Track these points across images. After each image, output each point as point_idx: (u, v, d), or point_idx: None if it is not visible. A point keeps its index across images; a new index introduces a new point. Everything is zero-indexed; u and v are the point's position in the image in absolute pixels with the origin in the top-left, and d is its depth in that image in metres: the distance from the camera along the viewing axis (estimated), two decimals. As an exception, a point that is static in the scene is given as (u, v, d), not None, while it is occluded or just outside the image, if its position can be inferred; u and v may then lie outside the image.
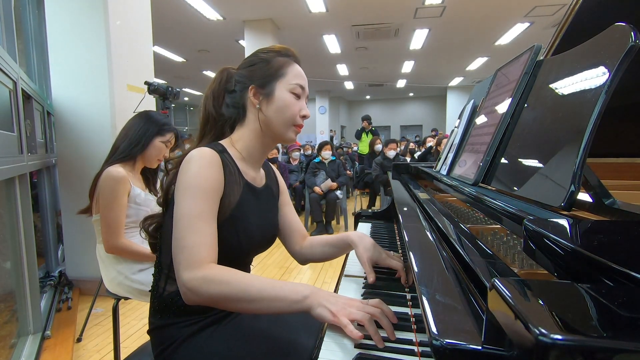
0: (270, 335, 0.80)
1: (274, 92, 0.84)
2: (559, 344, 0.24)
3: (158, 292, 0.81)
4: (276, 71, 0.85)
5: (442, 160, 1.33)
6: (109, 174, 1.40)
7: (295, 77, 0.86)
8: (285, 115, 0.84)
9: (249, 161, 0.88)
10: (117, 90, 2.44)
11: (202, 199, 0.72)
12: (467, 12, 5.84)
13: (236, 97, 0.86)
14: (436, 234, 0.76)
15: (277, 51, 0.88)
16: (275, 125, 0.85)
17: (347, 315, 0.61)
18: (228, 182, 0.79)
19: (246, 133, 0.86)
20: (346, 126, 17.23)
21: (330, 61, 9.04)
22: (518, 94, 0.82)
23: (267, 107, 0.84)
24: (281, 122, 0.84)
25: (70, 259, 2.57)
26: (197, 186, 0.72)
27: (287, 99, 0.84)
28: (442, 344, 0.38)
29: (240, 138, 0.87)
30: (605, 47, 0.58)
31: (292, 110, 0.84)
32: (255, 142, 0.87)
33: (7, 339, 1.65)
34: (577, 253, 0.36)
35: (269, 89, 0.84)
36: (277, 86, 0.84)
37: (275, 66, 0.85)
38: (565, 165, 0.53)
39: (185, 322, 0.78)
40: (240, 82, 0.86)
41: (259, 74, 0.85)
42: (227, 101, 0.87)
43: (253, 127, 0.86)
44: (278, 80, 0.84)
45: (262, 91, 0.84)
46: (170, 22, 6.05)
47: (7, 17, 1.90)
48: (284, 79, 0.84)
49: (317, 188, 4.44)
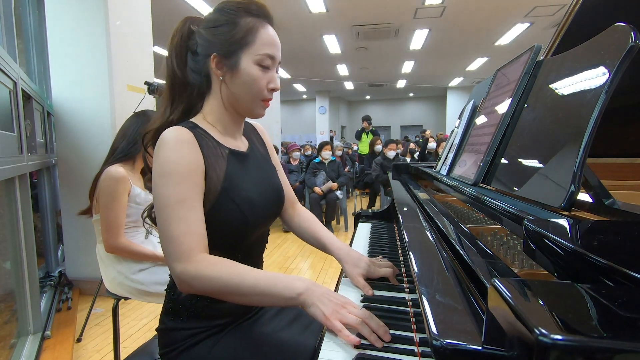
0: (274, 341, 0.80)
1: (239, 64, 0.74)
2: (559, 344, 0.24)
3: (175, 293, 0.79)
4: (242, 38, 0.74)
5: (442, 160, 1.33)
6: (109, 174, 1.40)
7: (264, 46, 0.75)
8: (251, 90, 0.76)
9: (226, 132, 0.81)
10: (117, 90, 2.44)
11: (180, 184, 0.67)
12: (467, 12, 5.84)
13: (199, 63, 0.77)
14: (436, 234, 0.76)
15: (247, 9, 0.75)
16: (241, 101, 0.78)
17: (339, 318, 0.60)
18: (207, 156, 0.73)
19: (214, 105, 0.79)
20: (346, 126, 17.23)
21: (330, 61, 9.04)
22: (518, 94, 0.82)
23: (231, 80, 0.76)
24: (247, 98, 0.77)
25: (70, 259, 2.57)
26: (173, 171, 0.67)
27: (253, 73, 0.75)
28: (442, 344, 0.38)
29: (211, 111, 0.80)
30: (605, 47, 0.58)
31: (259, 84, 0.76)
32: (226, 115, 0.80)
33: (7, 339, 1.65)
34: (577, 253, 0.36)
35: (234, 59, 0.74)
36: (242, 56, 0.74)
37: (242, 31, 0.74)
38: (565, 165, 0.54)
39: (195, 329, 0.77)
40: (202, 45, 0.76)
41: (222, 39, 0.74)
42: (189, 64, 0.78)
43: (220, 100, 0.79)
44: (244, 50, 0.74)
45: (226, 62, 0.75)
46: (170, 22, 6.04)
47: (7, 17, 1.91)
48: (251, 48, 0.74)
49: (317, 188, 4.44)
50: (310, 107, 15.57)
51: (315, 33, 6.85)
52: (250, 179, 0.81)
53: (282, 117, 8.03)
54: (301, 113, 16.82)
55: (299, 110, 16.87)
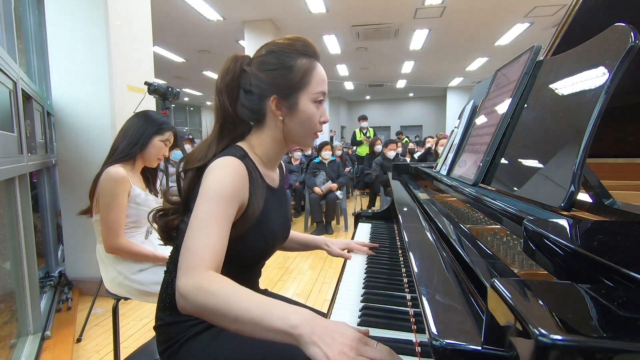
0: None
1: (298, 104, 0.79)
2: (558, 344, 0.24)
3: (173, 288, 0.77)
4: (300, 80, 0.78)
5: (442, 160, 1.33)
6: (109, 174, 1.40)
7: (319, 84, 0.80)
8: (307, 126, 0.81)
9: (268, 165, 0.87)
10: (117, 90, 2.44)
11: (219, 203, 0.69)
12: (467, 12, 5.84)
13: (254, 102, 0.81)
14: (436, 234, 0.76)
15: (299, 51, 0.79)
16: (297, 136, 0.83)
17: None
18: (253, 191, 0.77)
19: (266, 139, 0.84)
20: (346, 126, 17.23)
21: (330, 61, 9.04)
22: (518, 94, 0.82)
23: (290, 119, 0.80)
24: (302, 134, 0.82)
25: (70, 259, 2.57)
26: (217, 191, 0.70)
27: (311, 111, 0.80)
28: (442, 344, 0.38)
29: (260, 144, 0.84)
30: (605, 47, 0.58)
31: (315, 120, 0.81)
32: (275, 148, 0.85)
33: (7, 339, 1.65)
34: (577, 253, 0.36)
35: (292, 100, 0.79)
36: (300, 97, 0.79)
37: (299, 74, 0.78)
38: (565, 165, 0.53)
39: (193, 321, 0.78)
40: (259, 87, 0.80)
41: (281, 83, 0.78)
42: (242, 101, 0.82)
43: (273, 135, 0.83)
44: (302, 90, 0.79)
45: (285, 102, 0.79)
46: (170, 22, 6.05)
47: (7, 17, 1.91)
48: (308, 88, 0.79)
49: (317, 188, 4.44)
50: (310, 107, 15.54)
51: (315, 33, 6.85)
52: (278, 215, 0.87)
53: (282, 117, 8.02)
54: (301, 113, 16.77)
55: (299, 111, 16.80)
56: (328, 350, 0.50)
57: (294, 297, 2.56)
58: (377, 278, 0.88)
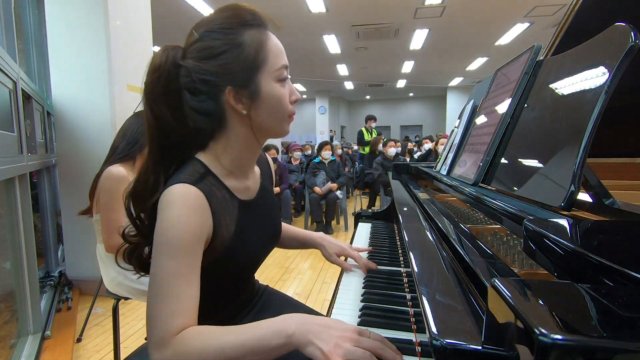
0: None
1: (261, 90, 0.65)
2: (559, 344, 0.24)
3: None
4: (255, 58, 0.64)
5: (442, 160, 1.33)
6: (110, 173, 1.40)
7: (278, 57, 0.66)
8: (278, 112, 0.67)
9: (240, 174, 0.73)
10: (117, 90, 2.44)
11: (178, 255, 0.58)
12: (467, 12, 5.84)
13: (205, 103, 0.64)
14: (436, 234, 0.76)
15: (243, 22, 0.64)
16: (270, 127, 0.69)
17: (342, 355, 0.50)
18: (218, 214, 0.64)
19: (232, 143, 0.68)
20: (346, 126, 17.23)
21: (330, 61, 9.04)
22: (518, 94, 0.82)
23: (256, 110, 0.66)
24: (275, 122, 0.68)
25: (70, 259, 2.57)
26: (173, 240, 0.58)
27: (278, 93, 0.66)
28: (442, 344, 0.38)
29: (227, 151, 0.69)
30: (605, 47, 0.58)
31: (285, 102, 0.67)
32: (245, 150, 0.70)
33: (7, 339, 1.65)
34: (577, 253, 0.36)
35: (253, 86, 0.64)
36: (261, 80, 0.64)
37: (252, 50, 0.63)
38: (565, 165, 0.54)
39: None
40: (205, 81, 0.63)
41: (233, 68, 0.63)
42: (191, 105, 0.64)
43: (241, 136, 0.68)
44: (260, 71, 0.64)
45: (245, 92, 0.64)
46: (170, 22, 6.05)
47: (7, 17, 1.91)
48: (267, 66, 0.65)
49: (317, 188, 4.44)
50: (310, 107, 15.57)
51: (315, 33, 6.85)
52: (257, 230, 0.75)
53: (282, 117, 8.02)
54: (301, 113, 16.79)
55: (298, 110, 16.76)
56: (324, 345, 0.51)
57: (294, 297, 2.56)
58: (377, 278, 0.88)
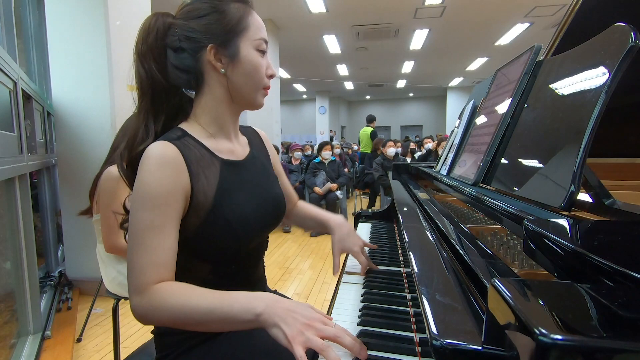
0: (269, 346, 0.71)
1: (240, 52, 0.70)
2: (559, 344, 0.24)
3: None
4: (237, 24, 0.70)
5: (442, 160, 1.33)
6: (110, 173, 1.40)
7: (258, 30, 0.73)
8: (253, 79, 0.72)
9: (220, 135, 0.75)
10: (117, 90, 2.44)
11: (154, 209, 0.61)
12: (467, 12, 5.85)
13: (187, 60, 0.69)
14: (436, 234, 0.76)
15: None
16: (245, 92, 0.73)
17: (303, 342, 0.52)
18: (196, 172, 0.67)
19: (209, 103, 0.73)
20: (346, 126, 17.23)
21: (330, 61, 9.04)
22: (518, 94, 0.82)
23: (233, 71, 0.71)
24: (249, 88, 0.72)
25: (70, 259, 2.57)
26: (147, 194, 0.62)
27: (255, 60, 0.71)
28: (442, 344, 0.38)
29: (204, 111, 0.73)
30: (605, 47, 0.58)
31: (262, 72, 0.72)
32: (223, 112, 0.74)
33: (7, 339, 1.65)
34: (577, 253, 0.36)
35: (233, 48, 0.70)
36: (241, 44, 0.70)
37: (235, 18, 0.70)
38: (565, 165, 0.54)
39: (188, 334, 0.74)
40: (190, 38, 0.69)
41: (216, 28, 0.69)
42: (173, 62, 0.70)
43: (218, 95, 0.72)
44: (241, 36, 0.70)
45: (225, 52, 0.69)
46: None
47: (7, 17, 1.91)
48: (247, 34, 0.71)
49: (317, 188, 4.44)
50: (310, 107, 15.58)
51: (315, 33, 6.85)
52: (246, 192, 0.75)
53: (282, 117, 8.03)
54: (301, 113, 16.82)
55: (299, 110, 16.87)
56: (288, 329, 0.53)
57: (294, 297, 2.56)
58: (377, 278, 0.88)
